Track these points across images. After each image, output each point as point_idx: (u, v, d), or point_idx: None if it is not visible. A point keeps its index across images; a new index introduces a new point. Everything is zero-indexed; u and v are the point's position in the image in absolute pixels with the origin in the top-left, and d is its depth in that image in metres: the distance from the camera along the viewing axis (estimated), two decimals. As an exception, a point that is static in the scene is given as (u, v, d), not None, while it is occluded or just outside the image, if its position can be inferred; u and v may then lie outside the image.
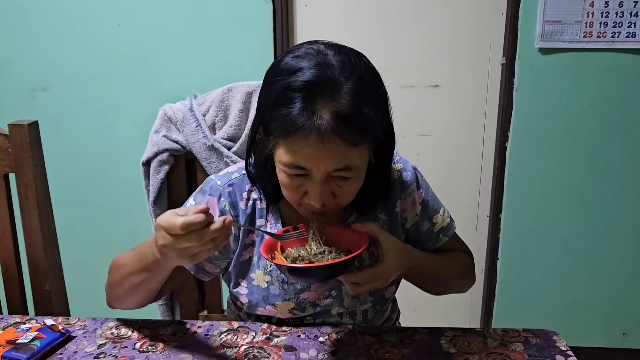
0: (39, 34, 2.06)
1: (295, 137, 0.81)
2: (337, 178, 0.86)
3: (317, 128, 0.79)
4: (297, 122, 0.79)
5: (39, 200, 1.19)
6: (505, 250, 2.22)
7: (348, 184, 0.88)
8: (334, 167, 0.84)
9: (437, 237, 1.09)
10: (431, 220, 1.08)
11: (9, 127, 1.16)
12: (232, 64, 2.03)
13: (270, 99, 0.84)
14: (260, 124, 0.88)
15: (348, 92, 0.81)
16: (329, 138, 0.80)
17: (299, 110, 0.80)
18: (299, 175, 0.86)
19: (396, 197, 1.05)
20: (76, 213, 2.19)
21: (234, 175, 1.02)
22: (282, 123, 0.81)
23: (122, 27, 2.03)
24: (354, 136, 0.81)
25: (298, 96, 0.80)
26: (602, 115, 2.05)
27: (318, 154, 0.82)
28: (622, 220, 2.16)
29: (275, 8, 1.98)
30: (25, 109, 2.11)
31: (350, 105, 0.80)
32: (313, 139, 0.80)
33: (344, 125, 0.80)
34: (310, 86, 0.80)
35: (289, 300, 1.01)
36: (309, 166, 0.84)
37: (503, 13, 2.01)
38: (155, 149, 1.32)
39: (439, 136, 2.16)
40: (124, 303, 1.03)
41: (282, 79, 0.82)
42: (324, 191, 0.86)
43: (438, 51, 2.07)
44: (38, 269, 1.22)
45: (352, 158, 0.84)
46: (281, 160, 0.85)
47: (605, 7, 1.92)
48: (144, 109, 1.85)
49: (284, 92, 0.81)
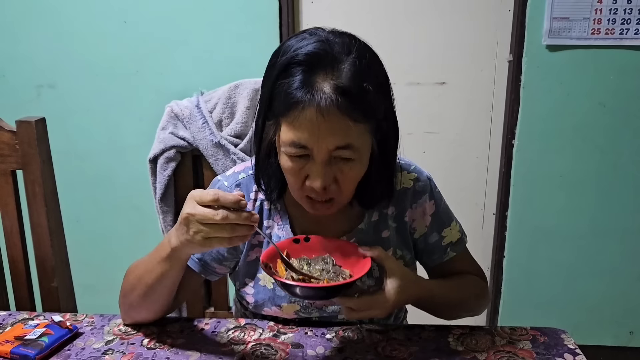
0: (45, 31, 2.06)
1: (295, 111, 0.81)
2: (338, 160, 0.85)
3: (317, 101, 0.79)
4: (297, 96, 0.80)
5: (46, 197, 1.19)
6: (512, 248, 2.21)
7: (350, 168, 0.86)
8: (335, 144, 0.83)
9: (445, 251, 1.06)
10: (440, 233, 1.05)
11: (17, 123, 1.16)
12: (238, 61, 2.02)
13: (271, 78, 0.85)
14: (263, 109, 0.88)
15: (348, 67, 0.82)
16: (329, 112, 0.80)
17: (299, 83, 0.81)
18: (300, 157, 0.85)
19: (407, 205, 1.03)
20: (82, 210, 2.20)
21: (240, 175, 1.02)
22: (283, 98, 0.82)
23: (128, 24, 2.03)
24: (354, 112, 0.81)
25: (298, 70, 0.81)
26: (610, 112, 2.03)
27: (318, 129, 0.81)
28: (630, 219, 2.14)
29: (282, 5, 1.98)
30: (31, 105, 2.12)
31: (351, 80, 0.81)
32: (312, 113, 0.80)
33: (344, 99, 0.80)
34: (311, 59, 0.82)
35: (295, 302, 1.01)
36: (310, 143, 0.83)
37: (510, 10, 2.00)
38: (162, 146, 1.32)
39: (445, 134, 2.15)
40: (138, 312, 0.99)
41: (284, 57, 0.84)
42: (325, 172, 0.85)
43: (445, 48, 2.06)
44: (45, 266, 1.22)
45: (353, 136, 0.83)
46: (283, 140, 0.85)
47: (614, 4, 1.90)
48: (151, 106, 1.85)
49: (285, 67, 0.83)
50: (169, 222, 1.36)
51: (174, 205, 1.36)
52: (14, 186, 1.21)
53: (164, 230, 1.38)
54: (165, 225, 1.37)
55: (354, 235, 1.01)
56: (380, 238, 1.02)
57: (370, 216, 1.02)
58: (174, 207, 1.36)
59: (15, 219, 1.22)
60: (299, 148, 0.84)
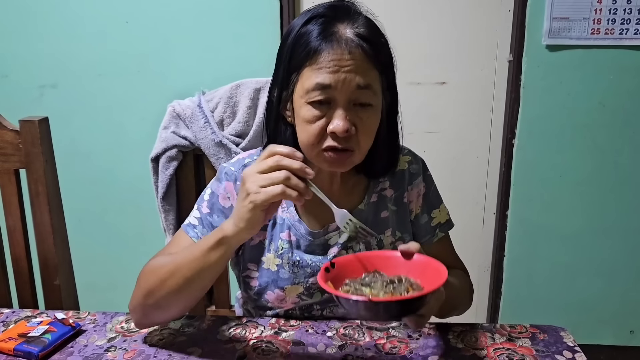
0: (47, 31, 2.08)
1: (321, 54, 0.87)
2: (357, 108, 0.89)
3: (342, 42, 0.86)
4: (322, 40, 0.87)
5: (49, 196, 1.20)
6: (512, 247, 2.22)
7: (368, 116, 0.90)
8: (357, 82, 0.87)
9: (434, 232, 1.10)
10: (430, 215, 1.10)
11: (20, 123, 1.17)
12: (240, 60, 2.03)
13: (291, 38, 0.91)
14: (280, 72, 0.92)
15: (364, 21, 0.91)
16: (353, 51, 0.86)
17: (322, 31, 0.87)
18: (322, 105, 0.88)
19: (405, 187, 1.07)
20: (85, 209, 2.21)
21: (246, 160, 1.03)
22: (307, 46, 0.88)
23: (130, 24, 2.04)
24: (373, 56, 0.88)
25: (319, 21, 0.89)
26: (609, 112, 2.04)
27: (344, 66, 0.86)
28: (630, 218, 2.15)
29: (283, 5, 1.99)
30: (33, 105, 2.13)
31: (369, 29, 0.90)
32: (338, 52, 0.86)
33: (365, 43, 0.87)
34: (330, 12, 0.90)
35: (298, 284, 1.02)
36: (334, 82, 0.86)
37: (510, 10, 2.01)
38: (164, 145, 1.32)
39: (445, 133, 2.16)
40: (166, 310, 0.94)
41: (302, 18, 0.91)
42: (348, 114, 0.88)
43: (445, 48, 2.07)
44: (48, 264, 1.23)
45: (372, 78, 0.89)
46: (307, 87, 0.88)
47: (613, 4, 1.91)
48: (152, 105, 1.86)
49: (306, 22, 0.89)
50: (171, 221, 1.37)
51: (176, 204, 1.37)
52: (17, 185, 1.22)
53: (165, 229, 1.39)
54: (167, 224, 1.37)
55: (355, 215, 1.02)
56: (380, 218, 1.05)
57: (370, 197, 1.05)
58: (176, 206, 1.37)
59: (18, 217, 1.23)
60: (323, 90, 0.87)
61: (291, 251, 1.01)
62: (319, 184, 1.01)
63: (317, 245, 1.02)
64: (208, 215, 1.01)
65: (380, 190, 1.06)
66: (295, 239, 1.02)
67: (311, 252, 1.02)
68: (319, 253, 1.02)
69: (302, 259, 1.01)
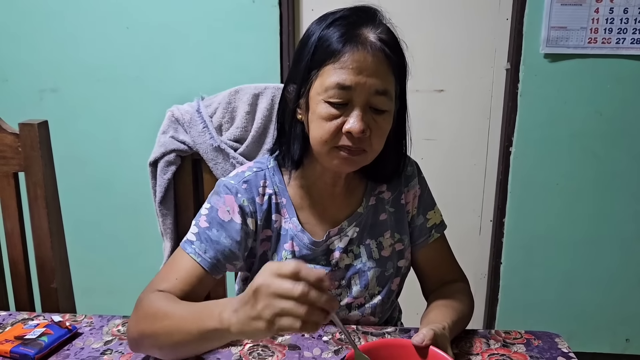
0: (47, 36, 2.09)
1: (344, 54, 0.88)
2: (373, 111, 0.91)
3: (366, 44, 0.89)
4: (346, 41, 0.89)
5: (47, 199, 1.20)
6: (509, 254, 2.22)
7: (383, 119, 0.93)
8: (376, 87, 0.89)
9: (430, 233, 1.12)
10: (425, 216, 1.11)
11: (20, 126, 1.18)
12: (239, 67, 2.05)
13: (314, 37, 0.92)
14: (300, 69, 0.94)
15: (385, 28, 0.94)
16: (376, 53, 0.89)
17: (346, 32, 0.89)
18: (339, 106, 0.90)
19: (402, 189, 1.09)
20: (83, 212, 2.21)
21: (246, 174, 1.03)
22: (330, 45, 0.90)
23: (130, 30, 2.06)
24: (393, 61, 0.91)
25: (344, 23, 0.91)
26: (607, 121, 2.05)
27: (366, 68, 0.88)
28: (626, 226, 2.16)
29: (282, 12, 2.00)
30: (33, 109, 2.14)
31: (390, 35, 0.93)
32: (361, 53, 0.88)
33: (387, 48, 0.90)
34: (354, 15, 0.92)
35: None
36: (355, 84, 0.88)
37: (508, 18, 2.02)
38: (163, 150, 1.33)
39: (443, 140, 2.17)
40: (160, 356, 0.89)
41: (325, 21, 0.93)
42: (364, 116, 0.90)
43: (443, 56, 2.08)
44: (45, 267, 1.23)
45: (390, 84, 0.92)
46: (327, 85, 0.90)
47: (610, 14, 1.93)
48: (152, 110, 1.87)
49: (330, 24, 0.91)
50: (169, 225, 1.37)
51: (174, 209, 1.37)
52: (16, 188, 1.22)
53: (163, 233, 1.39)
54: (164, 228, 1.38)
55: (355, 218, 1.05)
56: (379, 221, 1.07)
57: (368, 201, 1.07)
58: (174, 210, 1.38)
59: (16, 220, 1.23)
60: (342, 90, 0.89)
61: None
62: (322, 185, 1.02)
63: (320, 253, 1.03)
64: (207, 229, 0.97)
65: (378, 193, 1.08)
66: (298, 249, 1.02)
67: (314, 261, 1.03)
68: (322, 261, 1.04)
69: None
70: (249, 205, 1.00)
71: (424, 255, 1.12)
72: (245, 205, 1.00)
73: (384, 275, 1.07)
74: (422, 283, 1.15)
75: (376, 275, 1.06)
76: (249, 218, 0.99)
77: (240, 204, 0.99)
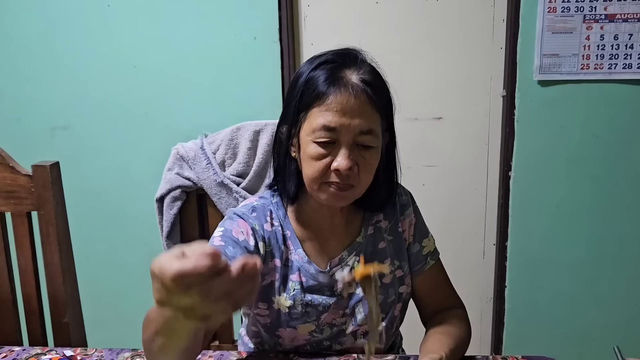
0: (58, 75, 2.16)
1: (329, 97, 0.94)
2: (360, 148, 0.96)
3: (349, 87, 0.94)
4: (330, 84, 0.94)
5: (59, 237, 1.25)
6: (513, 278, 2.24)
7: (370, 155, 0.97)
8: (360, 127, 0.94)
9: (425, 260, 1.15)
10: (421, 243, 1.15)
11: (33, 168, 1.24)
12: (242, 102, 2.10)
13: (301, 81, 0.98)
14: (290, 111, 0.99)
15: (369, 68, 0.99)
16: (359, 95, 0.94)
17: (330, 75, 0.95)
18: (327, 144, 0.95)
19: (398, 217, 1.13)
20: (93, 246, 2.25)
21: (255, 203, 1.09)
22: (315, 89, 0.95)
23: (137, 69, 2.13)
24: (376, 101, 0.96)
25: (328, 66, 0.96)
26: (603, 143, 2.08)
27: (349, 110, 0.93)
28: (629, 247, 2.17)
29: (283, 47, 2.07)
30: (46, 147, 2.20)
31: (373, 75, 0.98)
32: (345, 96, 0.93)
33: (369, 88, 0.95)
34: (338, 58, 0.97)
35: (310, 322, 1.06)
36: (339, 125, 0.93)
37: (502, 47, 2.08)
38: (169, 186, 1.39)
39: (443, 167, 2.21)
40: None
41: (311, 64, 0.99)
42: (350, 154, 0.95)
43: (441, 84, 2.13)
44: (57, 302, 1.27)
45: (375, 124, 0.96)
46: (314, 127, 0.95)
47: (601, 40, 1.98)
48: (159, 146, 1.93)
49: (315, 68, 0.97)
50: (175, 259, 1.42)
51: (180, 243, 1.42)
52: (29, 226, 1.27)
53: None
54: (171, 262, 1.42)
55: (354, 248, 1.09)
56: (378, 249, 1.11)
57: (367, 230, 1.11)
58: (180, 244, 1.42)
59: (29, 258, 1.28)
60: (328, 131, 0.94)
61: (303, 292, 1.05)
62: (320, 218, 1.07)
63: (325, 283, 1.07)
64: (222, 247, 0.97)
65: (376, 223, 1.12)
66: (305, 279, 1.06)
67: (320, 292, 1.06)
68: (327, 291, 1.07)
69: (313, 299, 1.05)
70: (260, 230, 1.04)
71: (421, 282, 1.15)
72: (257, 229, 1.04)
73: (386, 302, 1.10)
74: (420, 310, 1.18)
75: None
76: (260, 242, 1.03)
77: (253, 226, 1.04)
